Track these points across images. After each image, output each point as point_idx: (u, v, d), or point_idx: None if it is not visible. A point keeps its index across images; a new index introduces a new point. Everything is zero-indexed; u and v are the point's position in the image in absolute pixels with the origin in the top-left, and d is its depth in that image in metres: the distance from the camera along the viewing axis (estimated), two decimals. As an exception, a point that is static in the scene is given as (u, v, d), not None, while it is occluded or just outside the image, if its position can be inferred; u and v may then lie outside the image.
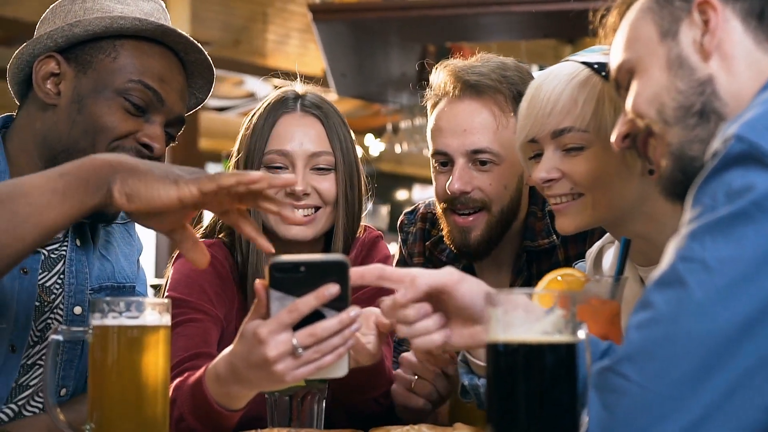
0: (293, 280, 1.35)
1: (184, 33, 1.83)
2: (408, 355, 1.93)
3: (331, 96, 6.05)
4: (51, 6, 1.87)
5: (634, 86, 1.44)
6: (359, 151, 2.13)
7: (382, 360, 1.80)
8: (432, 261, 2.38)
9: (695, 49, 1.37)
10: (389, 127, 8.33)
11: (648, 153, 1.46)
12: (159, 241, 8.17)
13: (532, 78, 2.20)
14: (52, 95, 1.77)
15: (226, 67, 8.95)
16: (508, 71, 2.19)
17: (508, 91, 2.16)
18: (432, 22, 4.53)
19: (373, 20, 4.53)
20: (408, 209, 2.53)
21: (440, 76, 2.22)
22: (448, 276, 1.37)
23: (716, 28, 1.35)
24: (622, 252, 1.62)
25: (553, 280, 1.58)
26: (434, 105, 2.24)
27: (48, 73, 1.78)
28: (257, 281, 1.39)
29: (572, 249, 2.18)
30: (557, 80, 1.75)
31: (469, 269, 2.29)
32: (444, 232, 2.26)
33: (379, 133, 10.35)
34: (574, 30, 4.70)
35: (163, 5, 1.93)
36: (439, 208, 2.25)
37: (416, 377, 1.90)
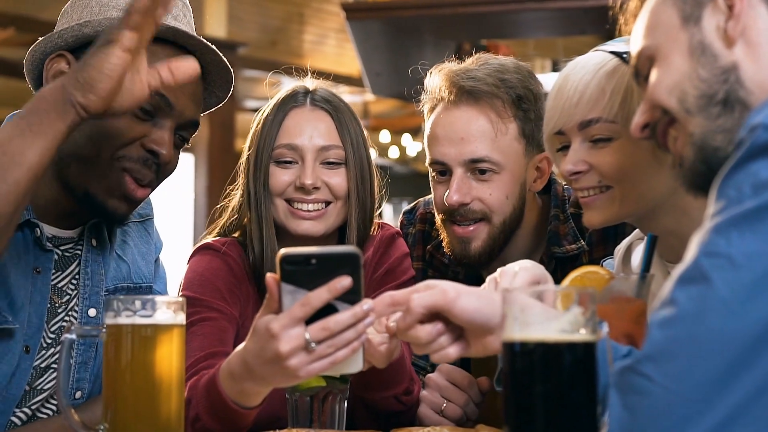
0: (305, 273, 1.32)
1: (196, 35, 1.78)
2: (436, 378, 1.90)
3: (368, 96, 6.04)
4: None
5: (654, 74, 1.39)
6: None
7: (401, 357, 1.77)
8: (432, 265, 2.31)
9: (719, 35, 1.32)
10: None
11: (667, 143, 1.41)
12: (196, 241, 8.20)
13: (533, 78, 2.14)
14: None
15: (263, 68, 8.98)
16: (506, 74, 2.09)
17: (506, 95, 2.07)
18: (466, 20, 4.49)
19: (407, 18, 4.49)
20: (407, 208, 2.44)
21: (435, 81, 2.13)
22: (441, 296, 1.33)
23: (741, 13, 1.30)
24: (647, 249, 1.57)
25: (576, 278, 1.53)
26: (431, 110, 2.16)
27: (58, 72, 1.74)
28: (268, 275, 1.36)
29: (599, 251, 2.11)
30: (585, 70, 1.71)
31: (474, 276, 2.22)
32: (443, 243, 2.18)
33: (416, 132, 10.34)
34: (612, 26, 4.63)
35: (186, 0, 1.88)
36: (438, 219, 2.18)
37: (446, 402, 1.87)
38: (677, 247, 1.66)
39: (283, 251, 1.33)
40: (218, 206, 2.19)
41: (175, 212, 8.89)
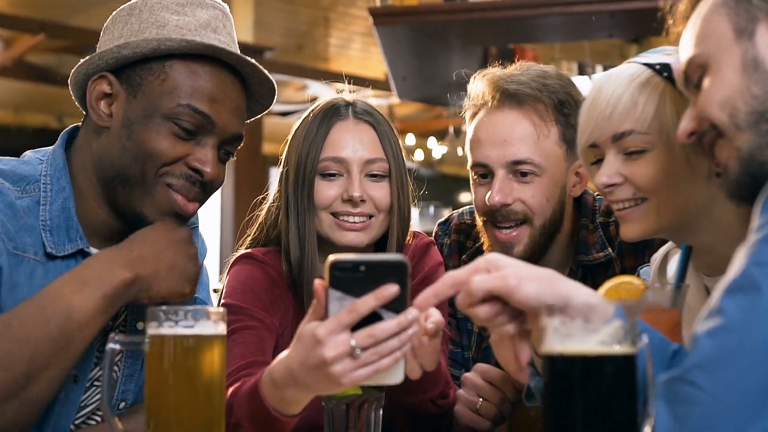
0: (353, 280, 1.32)
1: (233, 51, 1.76)
2: (472, 377, 1.91)
3: (393, 99, 6.04)
4: (113, 13, 1.83)
5: (705, 85, 1.38)
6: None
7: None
8: None
9: None
10: (451, 129, 8.32)
11: (714, 152, 1.40)
12: (223, 245, 8.25)
13: (574, 86, 2.16)
14: (105, 117, 1.75)
15: (289, 72, 9.01)
16: (548, 79, 2.13)
17: (549, 100, 2.11)
18: (493, 24, 4.48)
19: (434, 23, 4.49)
20: (441, 219, 2.48)
21: (479, 86, 2.17)
22: (502, 282, 1.28)
23: None
24: (682, 259, 1.58)
25: (611, 288, 1.54)
26: (473, 115, 2.20)
27: (101, 94, 1.75)
28: (317, 281, 1.36)
29: (629, 261, 2.12)
30: (618, 82, 1.71)
31: None
32: (484, 246, 2.21)
33: (441, 135, 10.35)
34: (639, 29, 4.61)
35: (225, 9, 1.86)
36: (479, 221, 2.20)
37: (481, 400, 1.89)
38: (712, 262, 1.66)
39: (332, 257, 1.33)
40: (248, 217, 2.20)
41: (203, 216, 8.94)
